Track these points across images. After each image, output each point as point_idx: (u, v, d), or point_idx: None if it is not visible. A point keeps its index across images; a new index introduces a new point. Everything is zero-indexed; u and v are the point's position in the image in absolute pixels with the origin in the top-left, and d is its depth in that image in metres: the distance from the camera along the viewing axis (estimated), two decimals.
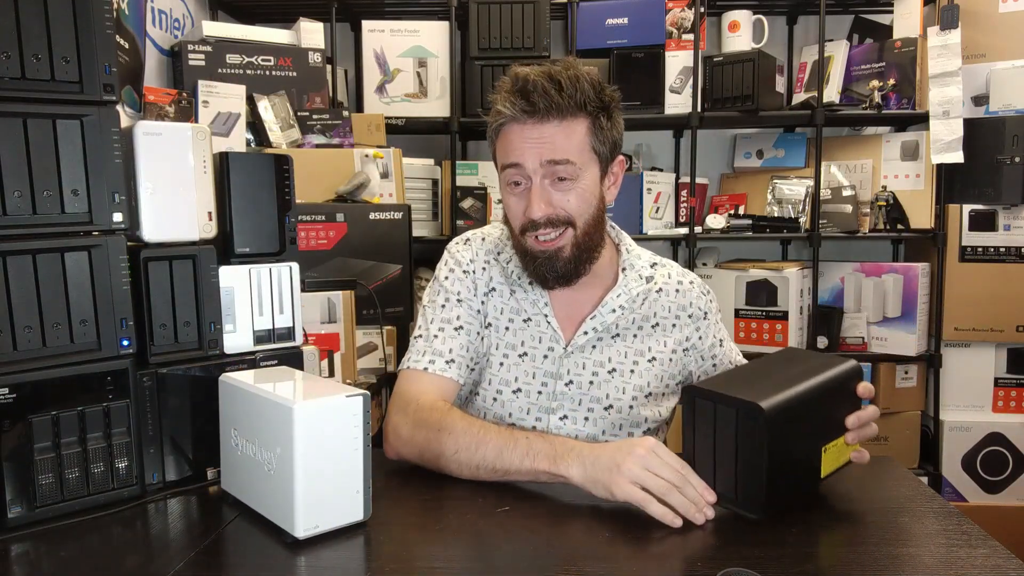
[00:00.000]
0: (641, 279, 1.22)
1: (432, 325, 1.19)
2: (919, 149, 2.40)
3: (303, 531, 0.84)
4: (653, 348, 1.22)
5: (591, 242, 1.14)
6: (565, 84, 1.05)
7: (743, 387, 0.89)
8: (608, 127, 1.11)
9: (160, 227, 1.00)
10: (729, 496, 0.88)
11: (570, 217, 1.10)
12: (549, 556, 0.82)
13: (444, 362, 1.16)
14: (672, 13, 2.41)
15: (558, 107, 1.05)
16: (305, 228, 1.93)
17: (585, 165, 1.09)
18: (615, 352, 1.20)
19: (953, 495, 2.38)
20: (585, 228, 1.12)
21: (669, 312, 1.23)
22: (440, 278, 1.23)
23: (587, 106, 1.07)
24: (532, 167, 1.08)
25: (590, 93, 1.07)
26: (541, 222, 1.10)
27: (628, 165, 2.54)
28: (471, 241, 1.26)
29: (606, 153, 1.12)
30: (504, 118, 1.08)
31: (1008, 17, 2.31)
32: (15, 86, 0.88)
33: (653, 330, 1.22)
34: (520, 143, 1.08)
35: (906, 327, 2.38)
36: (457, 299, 1.20)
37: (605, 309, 1.19)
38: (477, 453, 1.01)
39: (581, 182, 1.10)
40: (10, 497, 0.89)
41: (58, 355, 0.92)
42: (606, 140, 1.11)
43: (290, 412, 0.83)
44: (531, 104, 1.05)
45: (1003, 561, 0.78)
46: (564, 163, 1.07)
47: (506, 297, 1.21)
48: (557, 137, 1.07)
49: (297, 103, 2.22)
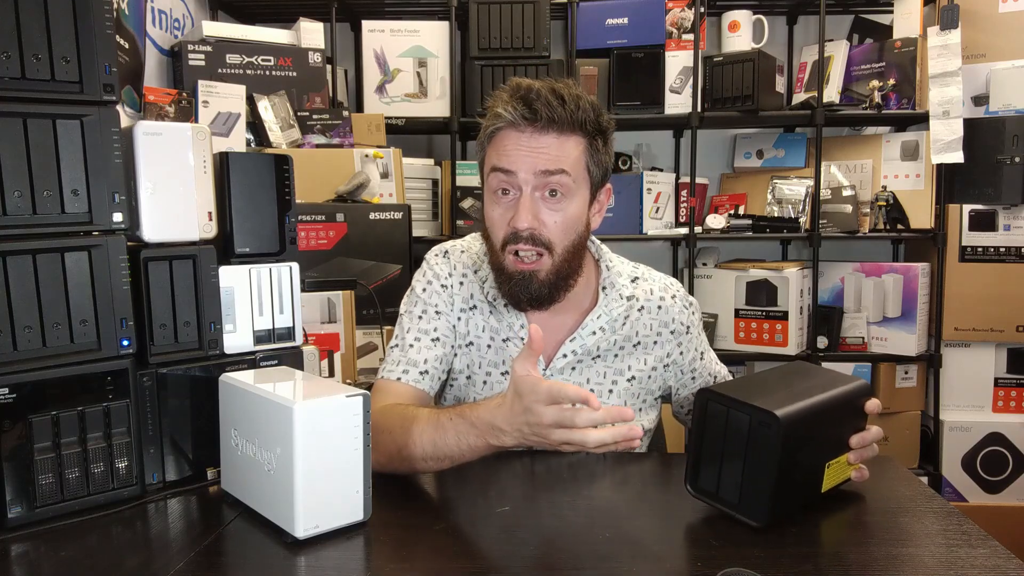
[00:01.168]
0: (622, 299, 1.19)
1: (408, 335, 1.19)
2: (919, 149, 2.40)
3: (303, 531, 0.84)
4: (633, 367, 1.20)
5: (568, 268, 1.11)
6: (568, 99, 1.05)
7: (758, 395, 0.88)
8: (603, 151, 1.10)
9: (160, 227, 1.00)
10: (731, 502, 0.88)
11: (550, 241, 1.08)
12: (549, 556, 0.82)
13: (418, 372, 1.16)
14: (672, 13, 2.41)
15: (560, 120, 1.04)
16: (305, 228, 1.93)
17: (578, 183, 1.08)
18: (594, 373, 1.19)
19: (953, 495, 2.38)
20: (564, 255, 1.09)
21: (651, 330, 1.21)
22: (417, 290, 1.22)
23: (586, 125, 1.07)
24: (525, 176, 1.06)
25: (590, 114, 1.07)
26: (524, 235, 1.06)
27: (628, 166, 2.56)
28: (450, 254, 1.24)
29: (598, 177, 1.11)
30: (502, 122, 1.06)
31: (1008, 17, 2.31)
32: (15, 86, 0.87)
33: (635, 349, 1.21)
34: (515, 150, 1.06)
35: (906, 327, 2.38)
36: (435, 311, 1.19)
37: (585, 332, 1.17)
38: (417, 447, 0.98)
39: (571, 202, 1.08)
40: (10, 497, 0.89)
41: (58, 355, 0.92)
42: (600, 163, 1.10)
43: (290, 412, 0.82)
44: (533, 112, 1.04)
45: (1003, 561, 0.78)
46: (559, 173, 1.05)
47: (486, 315, 1.20)
48: (554, 149, 1.05)
49: (297, 103, 2.22)
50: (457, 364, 1.21)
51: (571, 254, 1.10)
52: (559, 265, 1.09)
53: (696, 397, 0.92)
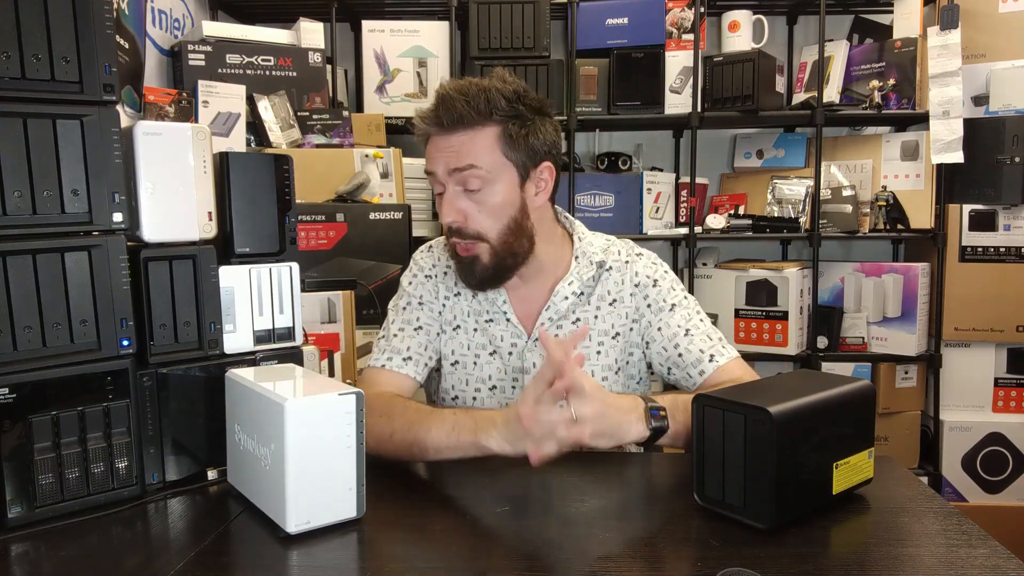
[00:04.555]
0: (592, 265, 1.24)
1: (393, 326, 1.27)
2: (919, 149, 2.40)
3: (294, 526, 0.84)
4: (616, 324, 1.25)
5: (512, 249, 1.17)
6: (472, 95, 1.10)
7: (753, 396, 0.89)
8: (521, 134, 1.13)
9: (160, 227, 1.00)
10: (737, 506, 0.88)
11: (479, 231, 1.14)
12: (548, 556, 0.82)
13: (401, 359, 1.23)
14: (672, 13, 2.41)
15: (461, 117, 1.11)
16: (305, 228, 1.93)
17: (496, 172, 1.13)
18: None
19: (953, 495, 2.38)
20: (501, 237, 1.15)
21: (622, 285, 1.25)
22: (404, 284, 1.31)
23: (493, 115, 1.11)
24: (442, 175, 1.14)
25: (500, 102, 1.11)
26: (453, 228, 1.15)
27: (628, 166, 2.56)
28: (434, 247, 1.32)
29: (522, 159, 1.15)
30: (420, 130, 1.16)
31: (1008, 17, 2.31)
32: (15, 86, 0.87)
33: (612, 307, 1.25)
34: (434, 152, 1.14)
35: (906, 327, 2.38)
36: (419, 302, 1.27)
37: (557, 298, 1.23)
38: (410, 433, 1.04)
39: (491, 191, 1.13)
40: (10, 497, 0.89)
41: (58, 355, 0.92)
42: (519, 147, 1.14)
43: (282, 409, 0.83)
44: (438, 117, 1.12)
45: (1003, 561, 0.78)
46: (467, 168, 1.11)
47: (469, 299, 1.26)
48: (463, 146, 1.12)
49: (297, 103, 2.22)
50: (445, 349, 1.27)
51: (510, 235, 1.16)
52: (498, 247, 1.16)
53: (693, 403, 0.92)
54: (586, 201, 2.49)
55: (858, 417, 0.96)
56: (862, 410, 0.96)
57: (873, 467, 0.97)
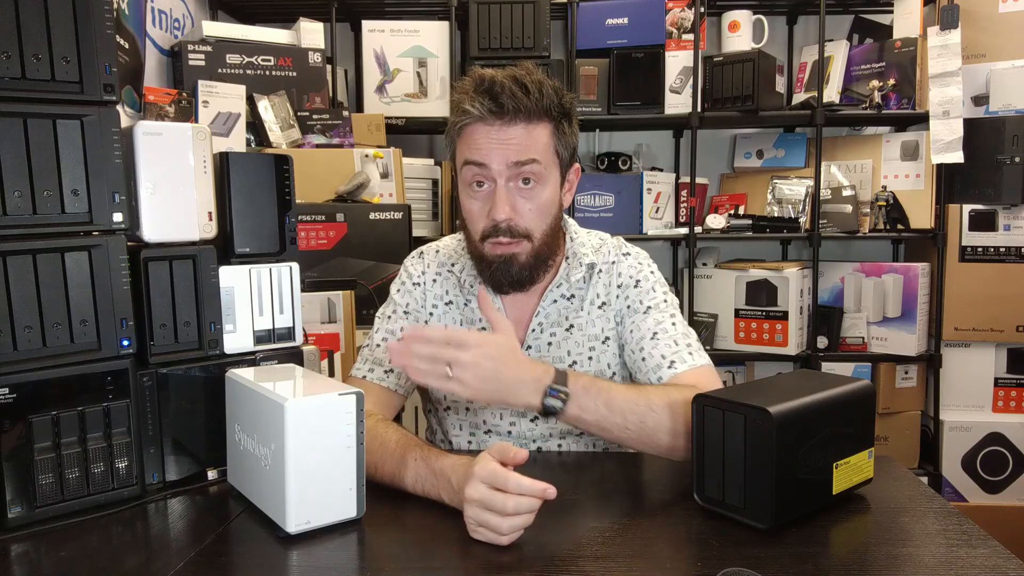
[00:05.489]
0: (582, 266, 1.21)
1: (377, 335, 1.23)
2: (919, 149, 2.40)
3: (294, 526, 0.84)
4: (605, 329, 1.21)
5: (547, 251, 1.15)
6: (531, 88, 1.07)
7: (752, 396, 0.89)
8: (569, 132, 1.13)
9: (160, 227, 1.00)
10: (737, 506, 0.88)
11: (528, 229, 1.11)
12: (549, 556, 0.82)
13: (383, 371, 1.19)
14: (672, 13, 2.41)
15: (526, 110, 1.06)
16: (305, 228, 1.93)
17: (549, 168, 1.11)
18: (573, 344, 1.20)
19: (953, 495, 2.38)
20: (543, 238, 1.13)
21: (610, 287, 1.22)
22: (391, 292, 1.27)
23: (551, 111, 1.09)
24: (498, 169, 1.08)
25: (553, 98, 1.09)
26: (503, 226, 1.09)
27: (628, 166, 2.56)
28: (424, 254, 1.28)
29: (567, 158, 1.14)
30: (470, 118, 1.08)
31: (1008, 17, 2.31)
32: (15, 86, 0.88)
33: (601, 311, 1.22)
34: (486, 143, 1.07)
35: (906, 327, 2.38)
36: (404, 311, 1.24)
37: (546, 302, 1.20)
38: (378, 472, 0.99)
39: (545, 188, 1.11)
40: (10, 497, 0.89)
41: (58, 355, 0.92)
42: (568, 145, 1.13)
43: (282, 409, 0.83)
44: (499, 105, 1.05)
45: (1003, 561, 0.78)
46: (530, 162, 1.08)
47: (462, 307, 1.23)
48: (523, 139, 1.07)
49: (297, 103, 2.22)
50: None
51: (551, 235, 1.14)
52: (538, 248, 1.13)
53: (693, 403, 0.92)
54: (586, 201, 2.49)
55: (858, 417, 0.96)
56: (862, 410, 0.96)
57: (873, 467, 0.97)
